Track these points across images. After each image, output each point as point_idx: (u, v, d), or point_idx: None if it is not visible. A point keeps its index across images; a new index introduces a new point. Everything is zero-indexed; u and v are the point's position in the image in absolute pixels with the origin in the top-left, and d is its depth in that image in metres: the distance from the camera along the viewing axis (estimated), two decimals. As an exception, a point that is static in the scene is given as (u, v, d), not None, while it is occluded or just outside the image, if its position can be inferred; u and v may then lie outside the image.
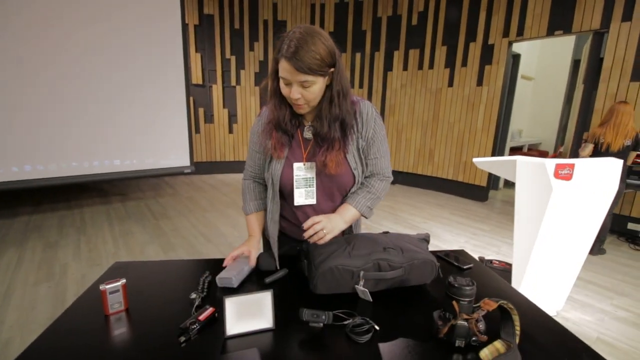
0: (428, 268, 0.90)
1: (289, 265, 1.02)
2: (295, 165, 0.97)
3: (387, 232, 1.07)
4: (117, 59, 3.49)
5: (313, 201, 1.01)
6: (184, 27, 3.90)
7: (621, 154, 2.59)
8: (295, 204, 1.00)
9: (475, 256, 2.62)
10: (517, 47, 4.35)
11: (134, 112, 3.66)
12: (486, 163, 1.87)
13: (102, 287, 0.79)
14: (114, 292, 0.80)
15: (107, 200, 3.98)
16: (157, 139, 3.85)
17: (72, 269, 2.34)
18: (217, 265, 1.06)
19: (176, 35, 3.82)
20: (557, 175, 1.54)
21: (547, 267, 1.76)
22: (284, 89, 0.87)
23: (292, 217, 1.06)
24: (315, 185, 0.99)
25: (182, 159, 4.06)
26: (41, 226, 3.11)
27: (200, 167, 5.44)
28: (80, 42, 3.28)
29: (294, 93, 0.85)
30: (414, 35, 4.71)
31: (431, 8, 4.50)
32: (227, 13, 5.24)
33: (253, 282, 0.96)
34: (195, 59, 5.17)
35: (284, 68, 0.82)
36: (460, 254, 1.19)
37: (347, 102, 0.93)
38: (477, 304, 0.78)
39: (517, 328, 0.74)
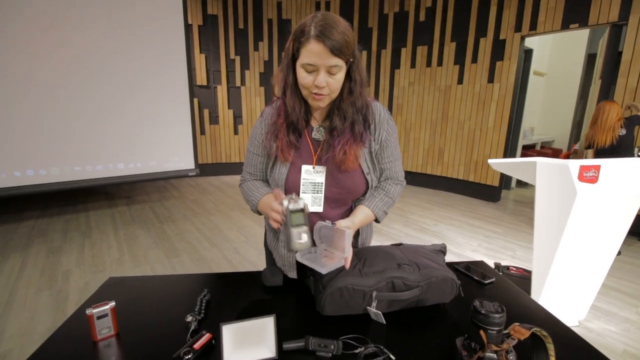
0: (447, 286, 0.81)
1: (294, 282, 0.94)
2: (304, 167, 0.89)
3: (400, 244, 0.98)
4: (120, 61, 3.46)
5: (320, 209, 0.92)
6: (187, 28, 3.85)
7: (619, 144, 2.71)
8: None
9: (490, 262, 2.52)
10: (528, 42, 4.20)
11: (137, 115, 3.63)
12: (503, 164, 1.76)
13: (88, 311, 0.72)
14: (102, 316, 0.73)
15: (113, 203, 3.95)
16: (161, 141, 3.81)
17: (74, 275, 2.30)
18: (216, 280, 0.99)
19: (179, 36, 3.77)
20: (581, 178, 1.43)
21: (570, 275, 1.65)
22: (305, 78, 0.78)
23: None
24: (323, 192, 0.91)
25: (186, 162, 4.01)
26: (46, 230, 3.09)
27: (206, 169, 5.40)
28: (82, 45, 3.25)
29: (320, 80, 0.76)
30: (421, 32, 4.59)
31: (439, 3, 4.38)
32: (231, 13, 5.19)
33: (255, 304, 0.88)
34: (200, 59, 5.13)
35: (313, 51, 0.74)
36: (480, 266, 1.10)
37: (365, 92, 0.87)
38: (507, 331, 0.69)
39: (553, 359, 0.65)
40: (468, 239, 3.01)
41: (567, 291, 1.70)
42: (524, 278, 1.93)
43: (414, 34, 4.67)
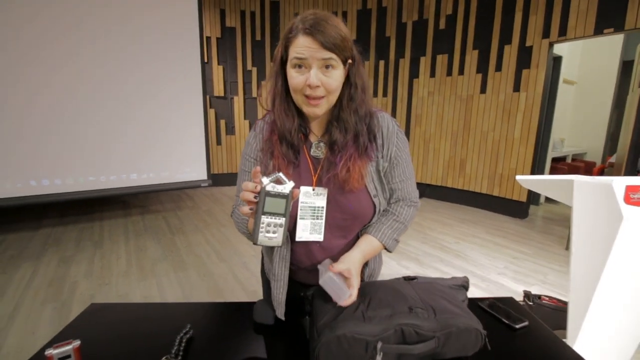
0: (471, 338, 0.66)
1: (288, 321, 0.81)
2: (303, 189, 0.78)
3: (414, 278, 0.85)
4: (134, 73, 3.51)
5: (320, 237, 0.80)
6: (202, 39, 3.88)
7: None
8: (297, 238, 0.80)
9: (519, 288, 2.29)
10: (557, 49, 3.96)
11: (150, 126, 3.66)
12: (532, 182, 1.58)
13: (48, 352, 0.63)
14: (64, 357, 0.64)
15: (128, 212, 3.98)
16: (174, 152, 3.82)
17: (81, 287, 2.27)
18: (202, 312, 0.88)
19: (194, 48, 3.80)
20: (628, 200, 1.24)
21: (614, 311, 1.43)
22: (296, 78, 0.68)
23: (291, 255, 0.86)
24: (324, 217, 0.80)
25: (199, 173, 4.00)
26: (61, 239, 3.12)
27: (221, 179, 5.41)
28: (96, 55, 3.30)
29: (312, 78, 0.66)
30: (441, 40, 4.44)
31: (460, 10, 4.23)
32: (248, 25, 5.24)
33: (241, 346, 0.76)
34: (218, 71, 5.19)
35: (303, 46, 0.65)
36: (508, 304, 0.94)
37: (368, 99, 0.76)
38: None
39: None
40: (493, 260, 2.78)
41: (611, 329, 1.47)
42: (558, 310, 1.71)
43: (433, 43, 4.52)
